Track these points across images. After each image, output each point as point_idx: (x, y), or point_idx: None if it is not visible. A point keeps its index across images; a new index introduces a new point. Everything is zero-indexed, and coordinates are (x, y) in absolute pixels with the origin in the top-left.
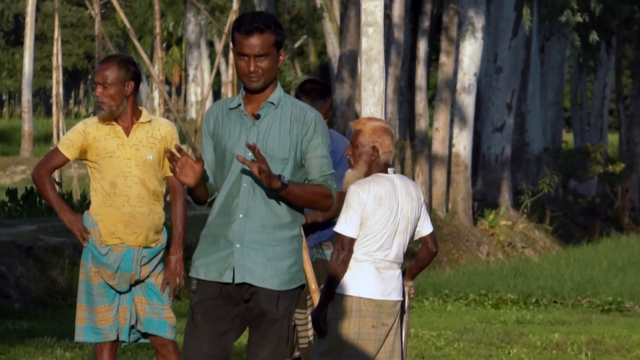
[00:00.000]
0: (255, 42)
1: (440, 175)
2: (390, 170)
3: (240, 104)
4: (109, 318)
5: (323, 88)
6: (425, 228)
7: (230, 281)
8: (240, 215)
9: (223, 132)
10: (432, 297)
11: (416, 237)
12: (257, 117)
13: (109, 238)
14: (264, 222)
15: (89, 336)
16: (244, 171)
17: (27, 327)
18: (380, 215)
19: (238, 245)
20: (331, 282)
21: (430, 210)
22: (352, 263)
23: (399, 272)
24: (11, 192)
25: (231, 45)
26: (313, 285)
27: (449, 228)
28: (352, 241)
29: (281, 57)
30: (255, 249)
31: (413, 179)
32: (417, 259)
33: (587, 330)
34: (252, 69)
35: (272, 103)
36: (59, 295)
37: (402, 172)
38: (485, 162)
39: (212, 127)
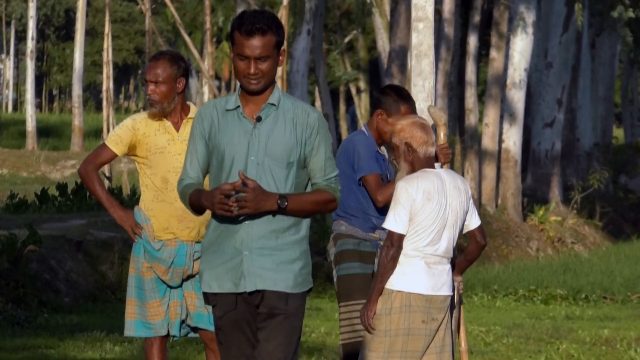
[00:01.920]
0: (256, 43)
1: (489, 171)
2: (437, 165)
3: (238, 106)
4: (160, 313)
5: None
6: (474, 221)
7: (245, 290)
8: (246, 222)
9: (221, 135)
10: (481, 293)
11: (465, 231)
12: (259, 119)
13: (162, 233)
14: (271, 226)
15: (139, 331)
16: (248, 175)
17: (76, 321)
18: (430, 210)
19: (247, 253)
20: (381, 278)
21: (479, 205)
22: (401, 259)
23: (448, 267)
24: (61, 187)
25: (229, 44)
26: None
27: (498, 224)
28: (401, 237)
29: (281, 58)
30: (264, 255)
31: (462, 174)
32: (465, 253)
33: (637, 326)
34: (252, 71)
35: (273, 104)
36: (108, 289)
37: (452, 168)
38: (535, 157)
39: (207, 130)
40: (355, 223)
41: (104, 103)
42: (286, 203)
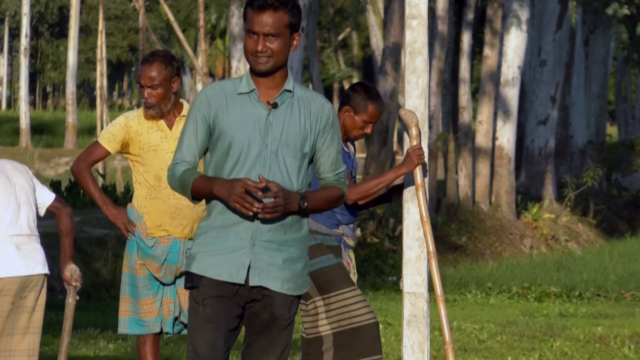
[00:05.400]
0: (267, 19)
1: (483, 168)
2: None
3: (254, 89)
4: (153, 310)
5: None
6: (47, 196)
7: (243, 282)
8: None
9: (230, 119)
10: (475, 290)
11: (43, 210)
12: (275, 105)
13: (155, 230)
14: (282, 219)
15: (133, 328)
16: (259, 164)
17: None
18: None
19: (253, 245)
20: None
21: (473, 203)
22: None
23: (39, 245)
24: (55, 184)
25: (242, 23)
26: None
27: (492, 221)
28: None
29: (295, 42)
30: (272, 249)
31: (456, 171)
32: (60, 230)
33: (631, 324)
34: (259, 47)
35: (290, 91)
36: (102, 287)
37: (445, 165)
38: (528, 155)
39: (214, 113)
40: (319, 219)
41: (98, 100)
42: (306, 204)
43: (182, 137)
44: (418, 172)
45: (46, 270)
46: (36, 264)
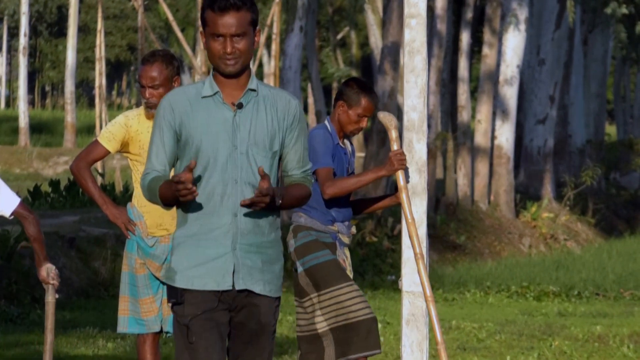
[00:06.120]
0: (231, 20)
1: (482, 168)
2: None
3: (217, 92)
4: (153, 309)
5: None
6: (8, 203)
7: (230, 288)
8: (232, 215)
9: (195, 124)
10: (473, 289)
11: (4, 215)
12: (240, 106)
13: (155, 230)
14: (257, 222)
15: (132, 327)
16: (230, 166)
17: (69, 317)
18: None
19: (233, 249)
20: None
21: (472, 202)
22: None
23: None
24: (54, 183)
25: (200, 27)
26: None
27: (491, 220)
28: None
29: (256, 38)
30: (252, 252)
31: (455, 171)
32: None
33: (630, 323)
34: (228, 50)
35: (254, 90)
36: (101, 286)
37: (444, 164)
38: (527, 154)
39: (179, 119)
40: (315, 215)
41: (97, 99)
42: (280, 202)
43: (150, 146)
44: (400, 175)
45: None
46: None
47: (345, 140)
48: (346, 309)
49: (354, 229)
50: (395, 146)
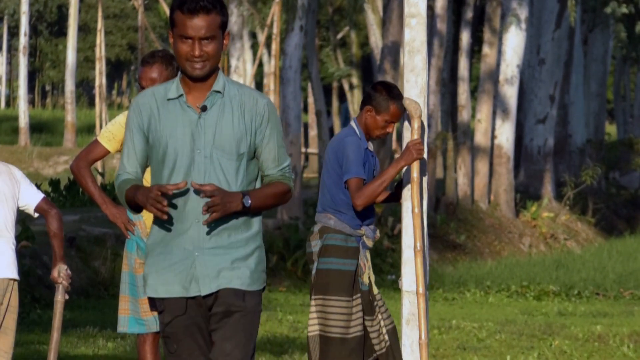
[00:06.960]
0: (200, 23)
1: (482, 167)
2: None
3: (181, 94)
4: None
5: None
6: (33, 197)
7: (198, 294)
8: (196, 220)
9: (162, 127)
10: (473, 289)
11: (35, 211)
12: (204, 108)
13: None
14: (223, 224)
15: (132, 327)
16: (194, 170)
17: (69, 317)
18: None
19: (198, 254)
20: None
21: (472, 202)
22: None
23: (7, 247)
24: (54, 183)
25: (169, 27)
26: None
27: (491, 220)
28: None
29: (225, 41)
30: (218, 254)
31: (455, 170)
32: (51, 234)
33: (630, 322)
34: (197, 53)
35: (219, 92)
36: (101, 285)
37: (444, 164)
38: (527, 153)
39: (147, 121)
40: (344, 219)
41: (97, 99)
42: (250, 201)
43: (123, 148)
44: (415, 166)
45: (9, 275)
46: None
47: (369, 142)
48: (327, 322)
49: (378, 233)
50: (415, 135)
